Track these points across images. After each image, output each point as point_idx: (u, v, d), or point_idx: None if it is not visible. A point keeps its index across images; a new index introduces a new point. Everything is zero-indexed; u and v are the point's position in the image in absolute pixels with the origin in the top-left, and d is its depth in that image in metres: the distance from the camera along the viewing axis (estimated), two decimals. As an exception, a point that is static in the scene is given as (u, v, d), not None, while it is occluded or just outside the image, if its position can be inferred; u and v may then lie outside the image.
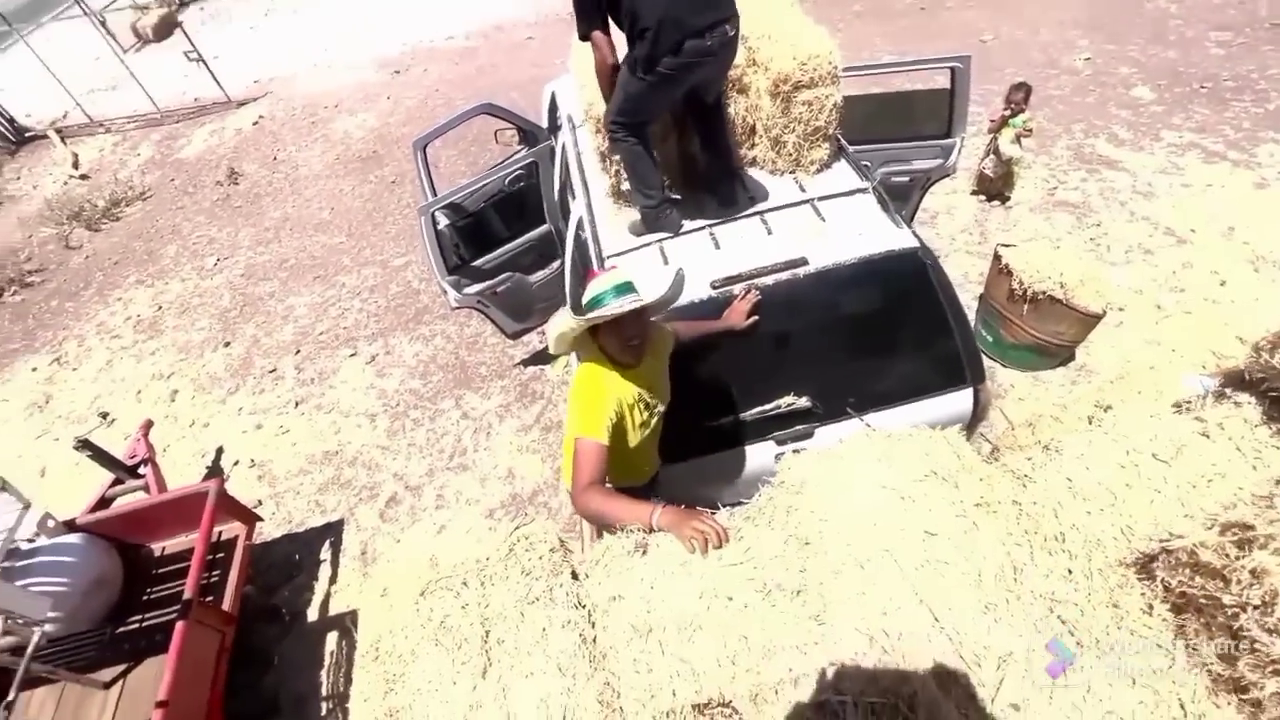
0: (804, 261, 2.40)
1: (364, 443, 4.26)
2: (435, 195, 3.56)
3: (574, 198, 3.04)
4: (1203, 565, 1.18)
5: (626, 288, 1.86)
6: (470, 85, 7.99)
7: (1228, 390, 1.51)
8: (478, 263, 3.70)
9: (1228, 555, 1.16)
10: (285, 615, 3.48)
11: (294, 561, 3.74)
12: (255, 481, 4.18)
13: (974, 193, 4.96)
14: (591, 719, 1.24)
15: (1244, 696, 1.15)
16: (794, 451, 1.69)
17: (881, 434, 1.67)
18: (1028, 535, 1.48)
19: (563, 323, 1.90)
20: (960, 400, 2.50)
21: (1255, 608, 1.10)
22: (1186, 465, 1.38)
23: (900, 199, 3.71)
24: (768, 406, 2.46)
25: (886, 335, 2.49)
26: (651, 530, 1.55)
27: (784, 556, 1.43)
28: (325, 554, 3.74)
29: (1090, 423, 1.52)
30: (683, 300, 2.27)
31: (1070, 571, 1.36)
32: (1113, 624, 1.28)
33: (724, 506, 1.64)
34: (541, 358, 4.47)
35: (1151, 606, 1.27)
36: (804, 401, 2.46)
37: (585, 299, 1.89)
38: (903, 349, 2.51)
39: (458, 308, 3.70)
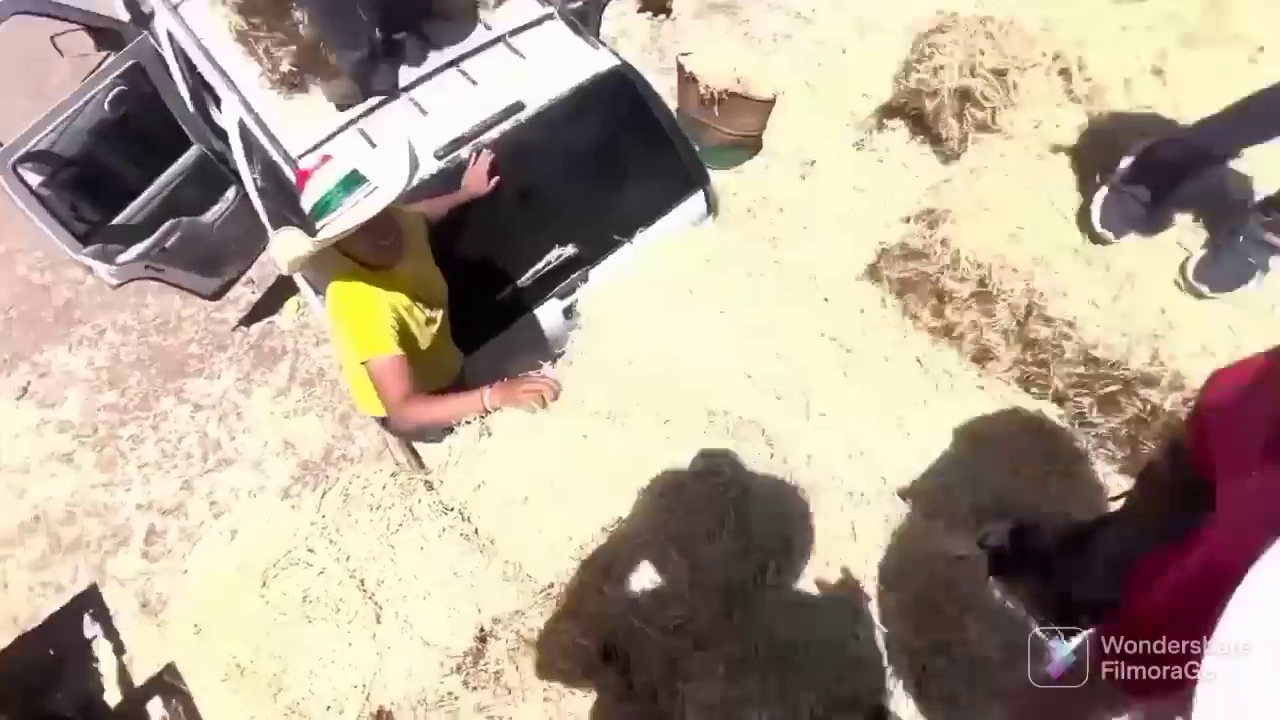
0: (521, 106, 2.27)
1: (71, 491, 3.33)
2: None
3: (217, 102, 2.42)
4: (911, 251, 1.53)
5: (354, 180, 1.56)
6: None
7: (885, 121, 1.90)
8: (119, 220, 2.84)
9: (925, 236, 1.51)
10: (75, 716, 2.82)
11: (52, 659, 2.95)
12: (-74, 605, 3.08)
13: (640, 10, 5.06)
14: (505, 601, 1.25)
15: (953, 337, 1.58)
16: (579, 298, 1.71)
17: (647, 251, 1.78)
18: (790, 288, 1.75)
19: (292, 247, 1.58)
20: (696, 204, 2.72)
21: (947, 266, 1.48)
22: (878, 188, 1.74)
23: (583, 23, 3.63)
24: (539, 266, 2.43)
25: (618, 161, 2.54)
26: (487, 413, 1.50)
27: (614, 382, 1.51)
28: (93, 630, 3.01)
29: (803, 179, 1.83)
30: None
31: (826, 299, 1.66)
32: (863, 322, 1.63)
33: (543, 364, 1.64)
34: (264, 309, 3.77)
35: (884, 300, 1.64)
36: (570, 250, 2.47)
37: (309, 206, 1.58)
38: (636, 171, 2.60)
39: (120, 284, 2.88)
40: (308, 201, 1.58)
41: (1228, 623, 0.43)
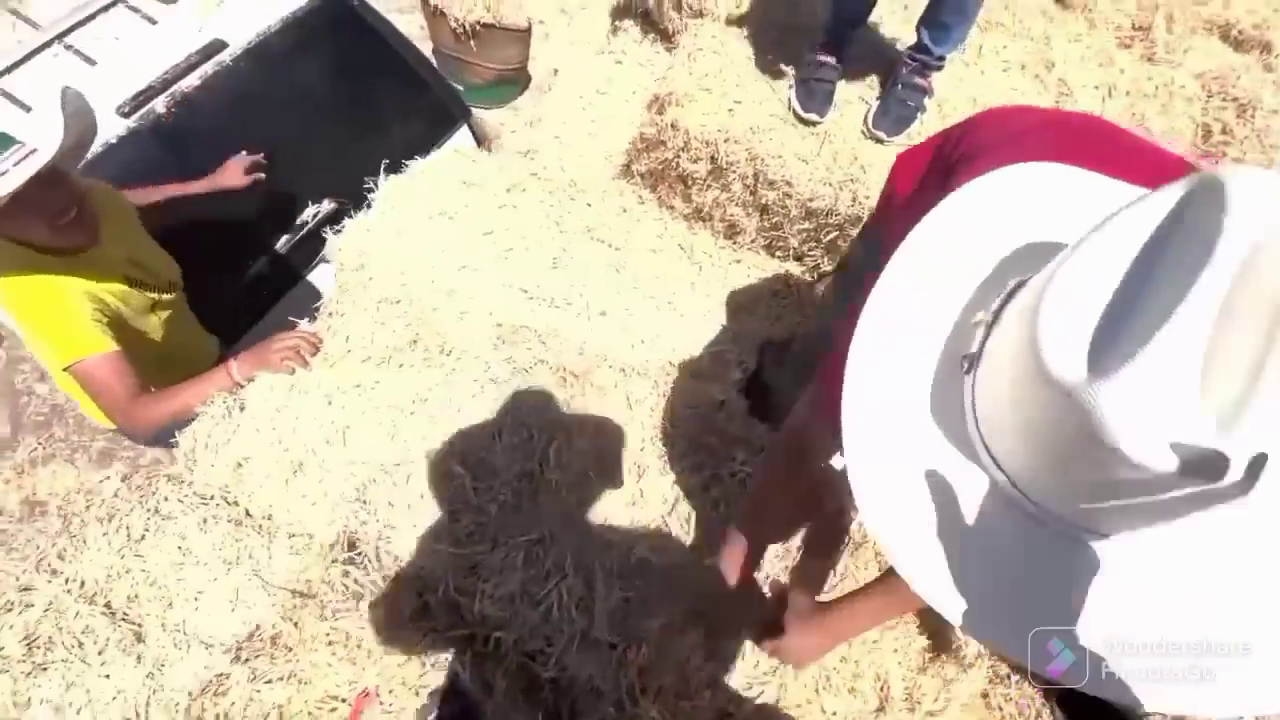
0: (222, 45, 1.96)
1: None
2: None
3: None
4: (650, 140, 1.60)
5: (4, 142, 1.25)
6: None
7: (618, 23, 1.94)
8: None
9: (657, 123, 1.57)
10: None
11: None
12: None
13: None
14: (296, 571, 1.15)
15: (703, 218, 1.69)
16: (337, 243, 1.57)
17: (399, 184, 1.67)
18: (552, 198, 1.73)
19: None
20: (462, 139, 2.59)
21: (682, 149, 1.57)
22: (618, 89, 1.80)
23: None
24: (296, 228, 2.18)
25: (363, 101, 2.33)
26: (240, 386, 1.36)
27: (383, 324, 1.42)
28: None
29: (550, 90, 1.82)
30: (95, 147, 1.68)
31: (589, 205, 1.69)
32: (627, 220, 1.67)
33: (301, 321, 1.49)
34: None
35: (641, 196, 1.71)
36: (329, 205, 2.24)
37: None
38: (386, 110, 2.41)
39: None
40: None
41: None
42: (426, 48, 3.99)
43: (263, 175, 1.90)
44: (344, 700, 0.91)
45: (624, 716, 0.94)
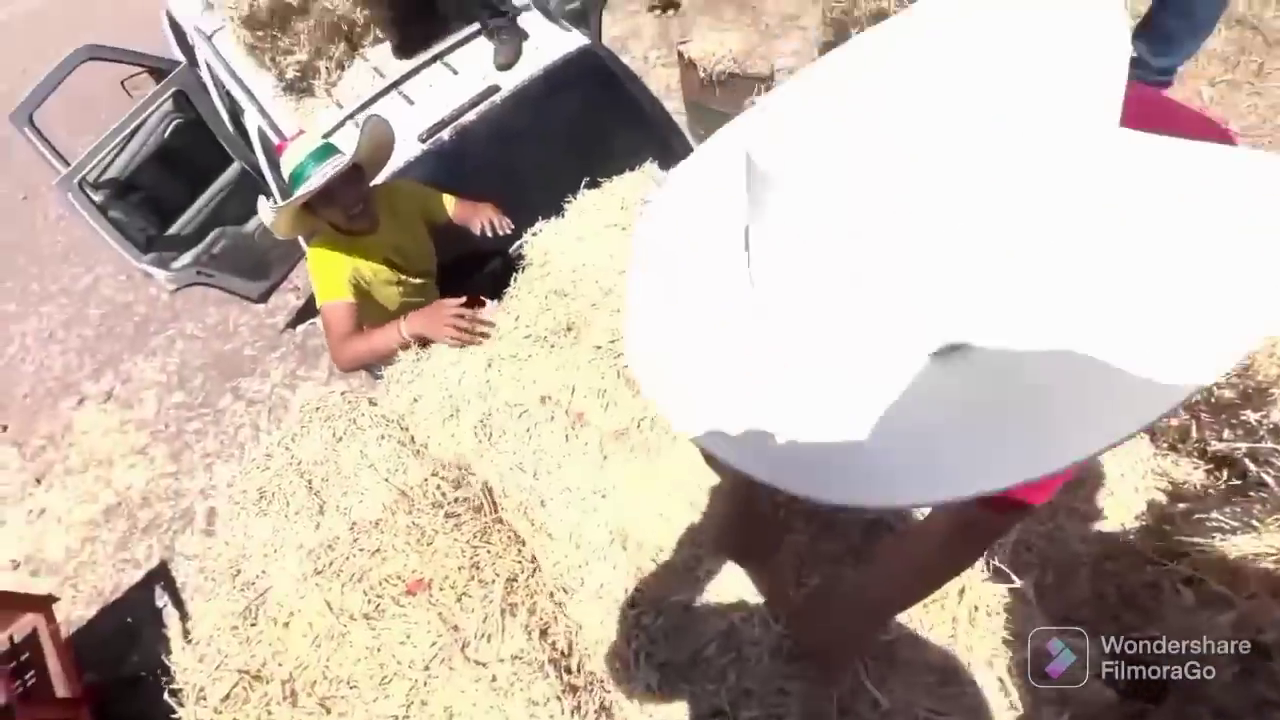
0: (496, 89, 2.45)
1: (148, 479, 3.75)
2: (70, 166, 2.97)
3: (244, 114, 2.74)
4: None
5: (326, 151, 1.77)
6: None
7: None
8: (171, 231, 3.23)
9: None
10: (147, 676, 3.14)
11: (127, 625, 3.32)
12: (31, 580, 3.54)
13: (650, 9, 5.24)
14: (422, 493, 1.36)
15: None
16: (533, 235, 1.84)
17: (597, 193, 1.90)
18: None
19: (267, 213, 1.79)
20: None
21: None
22: None
23: (582, 24, 3.81)
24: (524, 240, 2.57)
25: (596, 135, 2.68)
26: (408, 343, 1.62)
27: (548, 310, 1.62)
28: (162, 600, 3.36)
29: None
30: (397, 161, 2.24)
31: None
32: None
33: (489, 302, 1.77)
34: (306, 312, 4.14)
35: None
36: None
37: (286, 175, 1.79)
38: (615, 143, 2.72)
39: (177, 288, 3.26)
40: (285, 169, 1.79)
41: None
42: (678, 99, 4.42)
43: (493, 233, 2.14)
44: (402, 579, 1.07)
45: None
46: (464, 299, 1.59)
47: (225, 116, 3.21)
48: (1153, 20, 1.17)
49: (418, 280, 2.12)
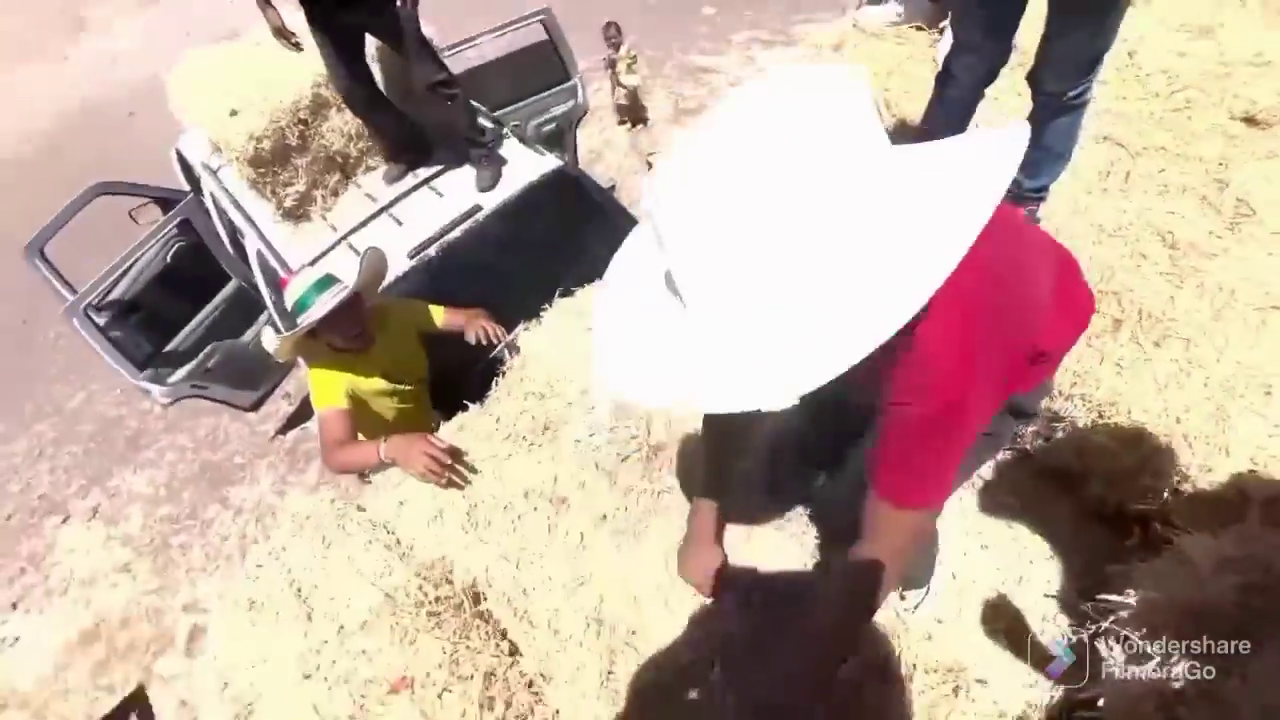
0: (478, 209, 2.70)
1: (128, 599, 3.67)
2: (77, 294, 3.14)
3: (245, 237, 2.96)
4: None
5: (327, 282, 1.93)
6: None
7: None
8: (169, 348, 3.38)
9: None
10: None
11: (101, 759, 3.16)
12: None
13: (620, 123, 5.73)
14: (406, 594, 1.41)
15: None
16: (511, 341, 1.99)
17: (571, 300, 2.07)
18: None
19: (271, 341, 1.93)
20: None
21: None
22: None
23: (557, 145, 4.18)
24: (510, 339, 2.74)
25: (572, 242, 2.91)
26: (383, 463, 1.65)
27: (525, 412, 1.74)
28: (137, 730, 3.22)
29: None
30: (388, 277, 2.42)
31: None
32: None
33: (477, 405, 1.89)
34: (297, 418, 4.23)
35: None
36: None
37: (289, 305, 1.94)
38: (588, 249, 2.95)
39: (170, 402, 3.35)
40: (290, 300, 1.94)
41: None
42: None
43: (488, 340, 2.24)
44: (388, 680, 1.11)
45: None
46: (446, 445, 1.60)
47: (225, 239, 3.44)
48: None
49: (410, 387, 2.24)
